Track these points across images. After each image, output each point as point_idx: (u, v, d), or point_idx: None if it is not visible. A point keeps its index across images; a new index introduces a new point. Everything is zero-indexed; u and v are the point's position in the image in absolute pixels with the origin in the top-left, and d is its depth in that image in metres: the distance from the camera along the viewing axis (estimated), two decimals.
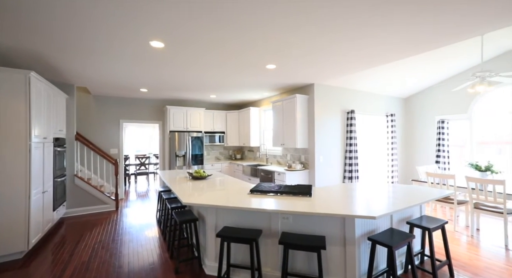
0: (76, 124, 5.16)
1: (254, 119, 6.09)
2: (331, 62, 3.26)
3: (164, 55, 2.93)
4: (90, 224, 3.93)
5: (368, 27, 2.24)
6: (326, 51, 2.87)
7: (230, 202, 2.21)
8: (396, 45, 2.69)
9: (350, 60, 3.19)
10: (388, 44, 2.65)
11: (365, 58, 3.09)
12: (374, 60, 3.17)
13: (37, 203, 3.00)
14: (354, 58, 3.10)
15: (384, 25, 2.22)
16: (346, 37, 2.46)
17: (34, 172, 2.90)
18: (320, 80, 4.30)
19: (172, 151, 5.57)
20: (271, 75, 3.87)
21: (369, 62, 3.25)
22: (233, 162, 6.36)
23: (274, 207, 2.05)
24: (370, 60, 3.17)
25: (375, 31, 2.32)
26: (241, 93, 5.42)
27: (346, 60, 3.17)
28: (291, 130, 4.55)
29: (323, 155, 4.50)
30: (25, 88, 2.78)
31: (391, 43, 2.62)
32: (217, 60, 3.18)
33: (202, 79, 4.13)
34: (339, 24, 2.20)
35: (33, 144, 2.87)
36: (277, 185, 2.79)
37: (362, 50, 2.83)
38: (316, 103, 4.45)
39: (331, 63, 3.32)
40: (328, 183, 4.57)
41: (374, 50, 2.84)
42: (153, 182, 7.92)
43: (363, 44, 2.66)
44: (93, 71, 3.61)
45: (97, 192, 4.53)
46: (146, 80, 4.14)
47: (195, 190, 2.73)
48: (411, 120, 5.87)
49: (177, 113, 5.72)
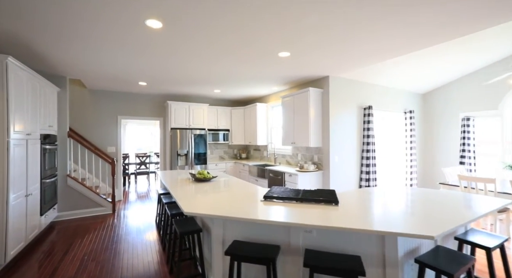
0: (70, 120, 4.80)
1: (261, 116, 5.68)
2: (350, 51, 2.84)
3: (163, 40, 2.53)
4: (82, 229, 3.56)
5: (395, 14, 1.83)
6: (346, 39, 2.45)
7: (241, 211, 1.81)
8: (426, 30, 2.26)
9: (370, 50, 2.76)
10: (416, 30, 2.23)
11: (387, 48, 2.67)
12: (396, 50, 2.75)
13: (18, 208, 2.63)
14: (375, 47, 2.68)
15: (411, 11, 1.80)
16: (371, 24, 2.04)
17: (13, 173, 2.53)
18: (335, 72, 3.88)
19: (174, 149, 5.19)
20: (283, 65, 3.46)
21: (393, 50, 2.83)
22: (238, 161, 5.97)
23: (296, 219, 1.65)
24: (393, 49, 2.75)
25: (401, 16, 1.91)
26: (248, 88, 5.02)
27: (366, 50, 2.75)
28: (303, 128, 4.14)
29: (338, 154, 4.08)
30: (1, 76, 2.40)
31: (419, 30, 2.20)
32: (225, 48, 2.78)
33: (207, 71, 3.73)
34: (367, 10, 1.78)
35: (12, 140, 2.50)
36: (294, 190, 2.39)
37: (383, 41, 2.41)
38: (331, 98, 4.03)
39: (350, 53, 2.90)
40: (344, 185, 4.15)
41: (398, 38, 2.41)
42: (154, 182, 7.56)
43: (387, 30, 2.24)
44: (82, 59, 3.22)
45: (92, 194, 4.16)
46: (145, 72, 3.75)
47: (198, 195, 2.33)
48: (431, 117, 5.42)
49: (179, 109, 5.33)
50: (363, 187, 4.26)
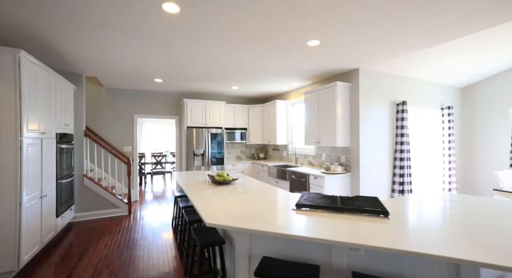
0: (87, 119, 4.74)
1: (281, 114, 5.37)
2: (386, 37, 2.46)
3: (180, 28, 2.29)
4: (98, 231, 3.44)
5: None
6: (384, 19, 2.08)
7: (271, 223, 1.52)
8: (481, 8, 1.85)
9: (410, 36, 2.37)
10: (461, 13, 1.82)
11: (430, 33, 2.26)
12: (441, 34, 2.33)
13: (32, 210, 2.51)
14: (415, 34, 2.29)
15: None
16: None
17: (27, 173, 2.40)
18: (366, 64, 3.49)
19: (190, 149, 5.00)
20: (311, 56, 3.12)
21: (437, 35, 2.41)
22: (256, 161, 5.70)
23: (340, 235, 1.33)
24: (435, 35, 2.33)
25: None
26: (267, 84, 4.72)
27: (405, 36, 2.36)
28: (329, 126, 3.78)
29: (369, 155, 3.69)
30: (14, 71, 2.26)
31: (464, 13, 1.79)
32: (248, 38, 2.51)
33: (226, 65, 3.47)
34: None
35: (25, 139, 2.37)
36: (329, 197, 2.06)
37: (426, 22, 2.02)
38: (361, 93, 3.65)
39: (385, 39, 2.52)
40: (375, 190, 3.75)
41: (441, 24, 2.01)
42: (170, 182, 7.47)
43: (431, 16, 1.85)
44: (96, 51, 3.07)
45: (108, 194, 4.05)
46: (161, 66, 3.56)
47: (219, 201, 2.07)
48: (474, 114, 4.85)
49: (195, 107, 5.14)
50: (396, 191, 3.83)
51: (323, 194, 2.16)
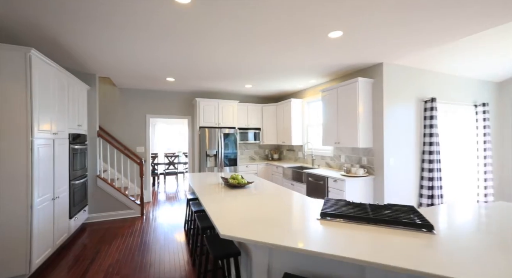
0: (101, 119, 4.74)
1: (296, 113, 5.14)
2: (422, 26, 2.18)
3: (191, 21, 2.15)
4: (110, 233, 3.38)
5: None
6: (422, 8, 1.82)
7: (295, 236, 1.33)
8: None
9: (450, 26, 2.08)
10: None
11: (474, 18, 1.96)
12: (478, 23, 2.02)
13: (44, 212, 2.46)
14: (457, 20, 2.00)
15: None
16: None
17: (39, 175, 2.35)
18: (391, 58, 3.20)
19: (203, 149, 4.89)
20: (331, 50, 2.89)
21: (479, 22, 2.11)
22: (270, 162, 5.50)
23: (375, 254, 1.12)
24: (479, 21, 2.03)
25: None
26: (283, 82, 4.51)
27: (444, 24, 2.07)
28: (350, 125, 3.52)
29: (394, 156, 3.40)
30: (25, 70, 2.21)
31: None
32: (265, 32, 2.33)
33: (240, 62, 3.31)
34: None
35: (36, 140, 2.31)
36: (357, 205, 1.84)
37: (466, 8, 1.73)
38: (386, 89, 3.36)
39: (421, 29, 2.25)
40: (401, 195, 3.45)
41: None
42: (183, 182, 7.43)
43: None
44: (107, 53, 2.99)
45: (121, 196, 4.01)
46: (173, 65, 3.45)
47: (234, 208, 1.90)
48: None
49: (208, 107, 5.02)
50: (424, 196, 3.51)
51: (349, 201, 1.94)
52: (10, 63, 2.15)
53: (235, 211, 1.83)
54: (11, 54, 2.16)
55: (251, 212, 1.79)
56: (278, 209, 1.86)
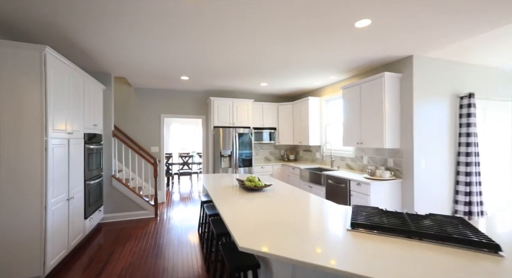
0: (116, 119, 4.76)
1: (314, 112, 4.90)
2: (455, 15, 1.90)
3: (206, 14, 2.01)
4: (125, 234, 3.34)
5: None
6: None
7: (324, 251, 1.15)
8: None
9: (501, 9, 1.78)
10: None
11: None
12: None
13: (58, 213, 2.42)
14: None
15: None
16: None
17: (53, 175, 2.31)
18: (422, 50, 2.90)
19: (217, 150, 4.77)
20: (356, 42, 2.66)
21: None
22: (286, 163, 5.30)
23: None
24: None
25: None
26: (300, 79, 4.30)
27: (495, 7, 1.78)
28: (375, 125, 3.25)
29: (425, 158, 3.09)
30: (40, 68, 2.17)
31: None
32: (286, 26, 2.14)
33: (257, 59, 3.15)
34: None
35: (51, 140, 2.27)
36: (392, 213, 1.61)
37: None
38: (416, 84, 3.06)
39: (454, 17, 1.96)
40: (433, 200, 3.13)
41: None
42: (197, 183, 7.39)
43: None
44: (121, 52, 2.94)
45: (135, 196, 3.97)
46: (187, 63, 3.35)
47: (252, 214, 1.74)
48: None
49: (222, 106, 4.91)
50: (460, 203, 3.17)
51: (381, 209, 1.71)
52: (25, 62, 2.12)
53: (254, 217, 1.66)
54: (26, 52, 2.13)
55: (271, 219, 1.62)
56: (301, 216, 1.67)
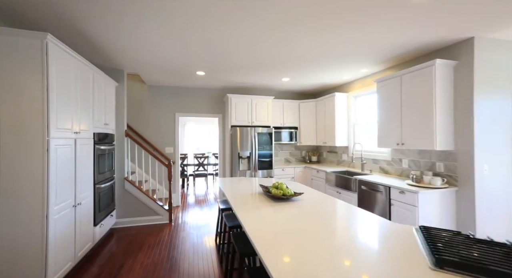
0: (130, 118, 4.55)
1: (341, 109, 4.43)
2: None
3: (229, 6, 1.65)
4: (137, 242, 3.07)
5: None
6: None
7: None
8: None
9: None
10: None
11: None
12: None
13: (63, 222, 2.17)
14: None
15: None
16: None
17: (56, 179, 2.05)
18: (487, 30, 2.37)
19: (235, 151, 4.43)
20: (408, 21, 2.19)
21: None
22: (308, 165, 4.85)
23: None
24: None
25: None
26: (327, 72, 3.85)
27: None
28: (421, 122, 2.75)
29: (488, 162, 2.55)
30: (42, 59, 1.92)
31: None
32: (317, 11, 1.74)
33: (283, 52, 2.77)
34: None
35: (54, 140, 2.02)
36: (488, 242, 1.16)
37: None
38: (477, 74, 2.53)
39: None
40: (500, 214, 2.57)
41: None
42: (212, 185, 7.12)
43: None
44: (133, 43, 2.65)
45: (149, 200, 3.72)
46: (204, 56, 3.03)
47: (286, 232, 1.35)
48: None
49: (240, 104, 4.56)
50: None
51: (467, 234, 1.26)
52: (24, 51, 1.88)
53: (289, 237, 1.28)
54: (26, 41, 1.88)
55: (312, 240, 1.23)
56: (351, 237, 1.26)
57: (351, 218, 1.65)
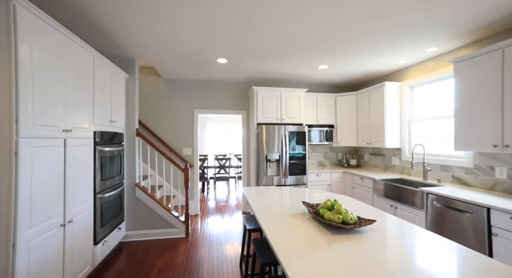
0: (144, 116, 4.09)
1: (392, 103, 3.57)
2: None
3: None
4: (146, 262, 2.53)
5: None
6: None
7: None
8: None
9: None
10: None
11: None
12: None
13: (44, 247, 1.65)
14: None
15: None
16: None
17: (31, 193, 1.53)
18: None
19: (261, 153, 3.76)
20: None
21: None
22: (347, 170, 4.04)
23: None
24: None
25: None
26: (380, 54, 3.03)
27: None
28: None
29: None
30: (8, 31, 1.40)
31: None
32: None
33: (320, 31, 2.04)
34: None
35: (27, 140, 1.49)
36: None
37: None
38: None
39: None
40: None
41: None
42: (235, 189, 6.53)
43: None
44: (145, 24, 2.09)
45: (163, 210, 3.18)
46: (226, 40, 2.41)
47: None
48: None
49: (268, 97, 3.88)
50: None
51: None
52: None
53: None
54: None
55: None
56: None
57: (453, 259, 0.89)
